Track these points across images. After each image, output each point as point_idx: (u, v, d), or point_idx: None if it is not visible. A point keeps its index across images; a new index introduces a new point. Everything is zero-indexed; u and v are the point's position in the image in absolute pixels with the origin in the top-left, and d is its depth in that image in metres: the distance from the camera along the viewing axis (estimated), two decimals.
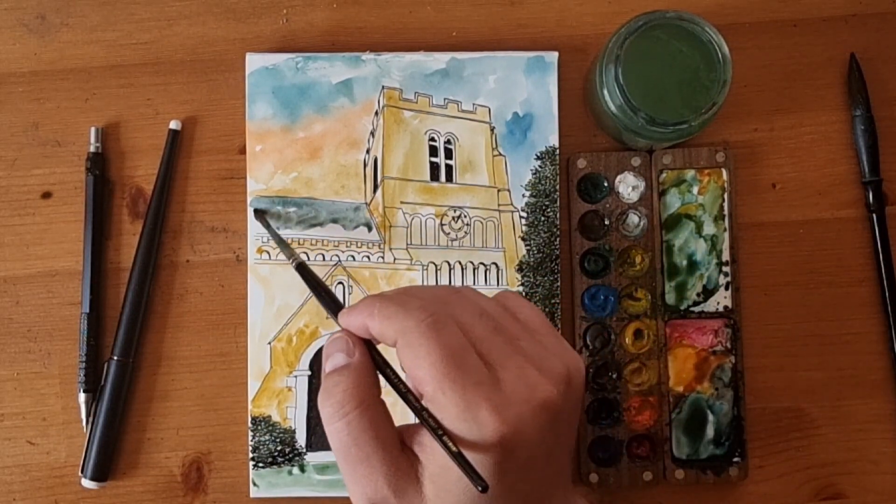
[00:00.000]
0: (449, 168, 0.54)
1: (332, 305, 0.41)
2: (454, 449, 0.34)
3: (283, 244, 0.50)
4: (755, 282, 0.55)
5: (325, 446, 0.53)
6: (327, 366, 0.38)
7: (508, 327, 0.38)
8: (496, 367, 0.36)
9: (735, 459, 0.53)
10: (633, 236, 0.54)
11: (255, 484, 0.53)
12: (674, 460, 0.53)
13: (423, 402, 0.36)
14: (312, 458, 0.53)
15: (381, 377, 0.39)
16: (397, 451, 0.37)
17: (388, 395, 0.38)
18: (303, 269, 0.45)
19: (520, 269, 0.54)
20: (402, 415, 0.37)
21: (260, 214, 0.53)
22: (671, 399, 0.53)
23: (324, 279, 0.53)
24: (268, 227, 0.52)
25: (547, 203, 0.54)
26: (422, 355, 0.35)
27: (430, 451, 0.36)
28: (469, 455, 0.34)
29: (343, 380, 0.37)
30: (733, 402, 0.53)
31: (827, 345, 0.55)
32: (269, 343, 0.53)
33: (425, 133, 0.54)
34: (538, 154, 0.54)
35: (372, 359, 0.38)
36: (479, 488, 0.33)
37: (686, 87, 0.48)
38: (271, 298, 0.53)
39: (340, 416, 0.37)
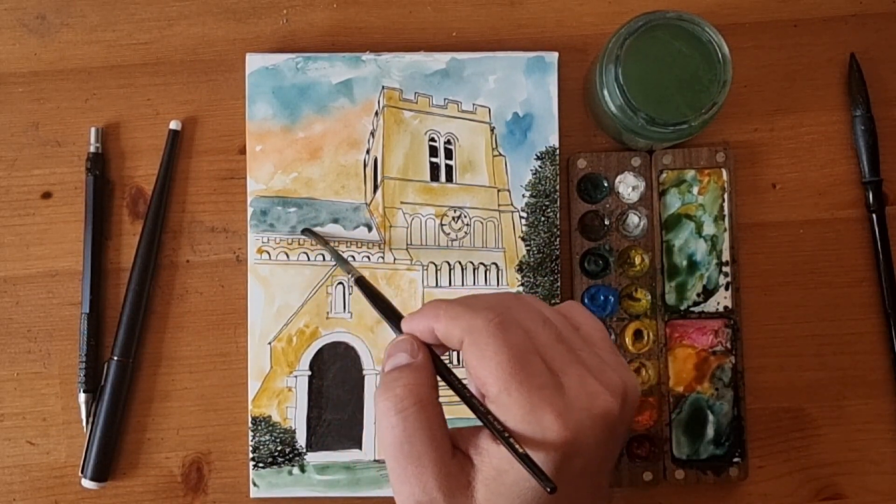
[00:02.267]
0: (449, 168, 0.54)
1: (393, 315, 0.41)
2: (521, 451, 0.34)
3: (340, 259, 0.50)
4: (755, 282, 0.55)
5: (325, 446, 0.53)
6: (388, 364, 0.38)
7: (569, 337, 0.38)
8: (559, 373, 0.36)
9: (735, 459, 0.53)
10: (633, 236, 0.54)
11: (255, 484, 0.53)
12: (674, 460, 0.53)
13: (485, 404, 0.36)
14: (312, 458, 0.53)
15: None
16: (450, 454, 0.36)
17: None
18: (362, 284, 0.45)
19: (520, 270, 0.54)
20: None
21: (309, 232, 0.52)
22: (671, 399, 0.53)
23: (323, 279, 0.53)
24: (324, 243, 0.52)
25: (547, 203, 0.54)
26: (489, 355, 0.35)
27: (485, 455, 0.36)
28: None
29: (404, 376, 0.37)
30: (733, 402, 0.53)
31: (827, 345, 0.55)
32: (270, 343, 0.53)
33: (425, 133, 0.54)
34: (538, 154, 0.54)
35: (434, 363, 0.38)
36: (549, 489, 0.33)
37: (686, 87, 0.48)
38: (271, 298, 0.53)
39: (398, 411, 0.36)
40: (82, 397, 0.53)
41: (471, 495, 0.36)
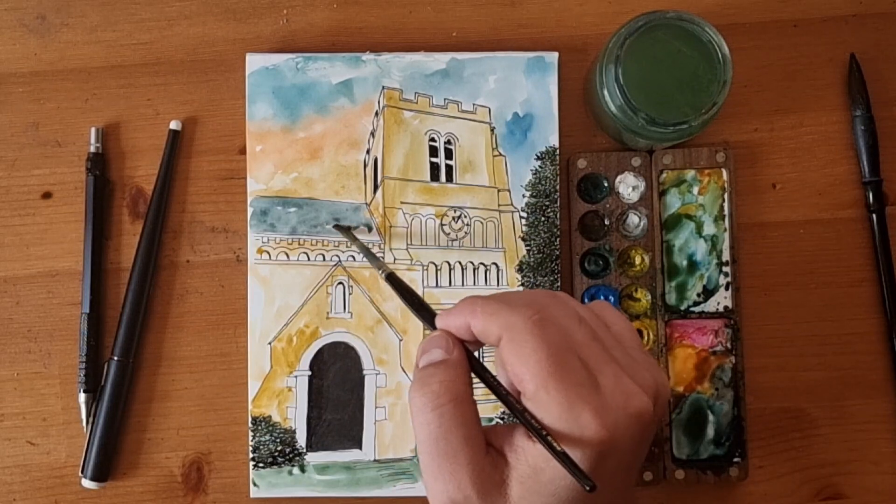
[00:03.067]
0: (449, 168, 0.54)
1: (426, 312, 0.41)
2: (560, 449, 0.34)
3: (370, 255, 0.50)
4: (755, 282, 0.55)
5: (325, 446, 0.53)
6: (422, 360, 0.38)
7: (603, 336, 0.38)
8: (595, 372, 0.36)
9: (735, 459, 0.53)
10: (633, 236, 0.54)
11: (255, 484, 0.53)
12: (674, 460, 0.53)
13: (522, 401, 0.36)
14: (312, 458, 0.53)
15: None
16: (484, 451, 0.36)
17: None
18: (393, 280, 0.44)
19: (520, 270, 0.54)
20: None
21: (343, 229, 0.52)
22: (671, 399, 0.53)
23: (323, 279, 0.53)
24: (354, 239, 0.52)
25: (547, 203, 0.54)
26: (527, 352, 0.35)
27: (520, 453, 0.36)
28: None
29: (440, 372, 0.37)
30: (733, 402, 0.53)
31: (827, 345, 0.55)
32: (270, 343, 0.53)
33: (425, 133, 0.54)
34: (538, 154, 0.54)
35: (469, 360, 0.38)
36: (587, 488, 0.33)
37: (686, 87, 0.48)
38: (271, 298, 0.53)
39: (434, 408, 0.36)
40: (82, 397, 0.53)
41: (504, 493, 0.36)
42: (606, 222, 0.54)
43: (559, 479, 0.35)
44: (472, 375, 0.38)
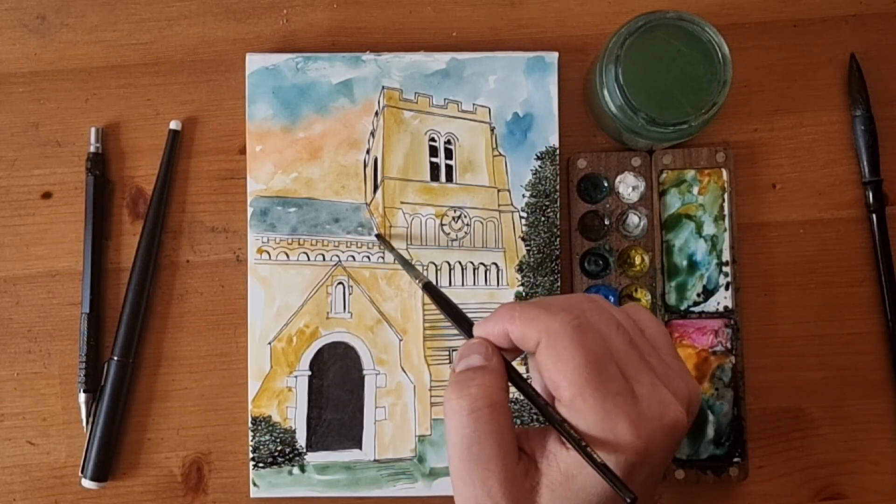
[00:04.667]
0: (449, 168, 0.54)
1: (464, 322, 0.41)
2: (599, 461, 0.34)
3: (407, 265, 0.49)
4: (755, 282, 0.55)
5: (325, 446, 0.53)
6: (460, 365, 0.38)
7: (640, 342, 0.38)
8: (631, 380, 0.36)
9: (735, 459, 0.53)
10: (633, 236, 0.54)
11: (255, 484, 0.53)
12: (674, 460, 0.53)
13: (557, 408, 0.35)
14: (312, 458, 0.53)
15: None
16: (516, 459, 0.36)
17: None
18: (430, 289, 0.44)
19: (520, 270, 0.54)
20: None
21: (382, 239, 0.52)
22: None
23: (323, 279, 0.53)
24: (391, 248, 0.52)
25: (547, 203, 0.54)
26: (565, 358, 0.35)
27: (553, 459, 0.36)
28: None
29: (478, 377, 0.37)
30: (733, 402, 0.53)
31: (827, 345, 0.55)
32: (270, 343, 0.53)
33: (425, 133, 0.54)
34: (538, 154, 0.54)
35: (506, 369, 0.38)
36: (628, 500, 0.33)
37: (686, 87, 0.48)
38: (271, 298, 0.53)
39: (471, 412, 0.36)
40: (82, 397, 0.53)
41: (535, 499, 0.35)
42: (606, 222, 0.54)
43: (591, 486, 0.35)
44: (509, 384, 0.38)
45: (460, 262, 0.54)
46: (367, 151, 0.54)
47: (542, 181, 0.54)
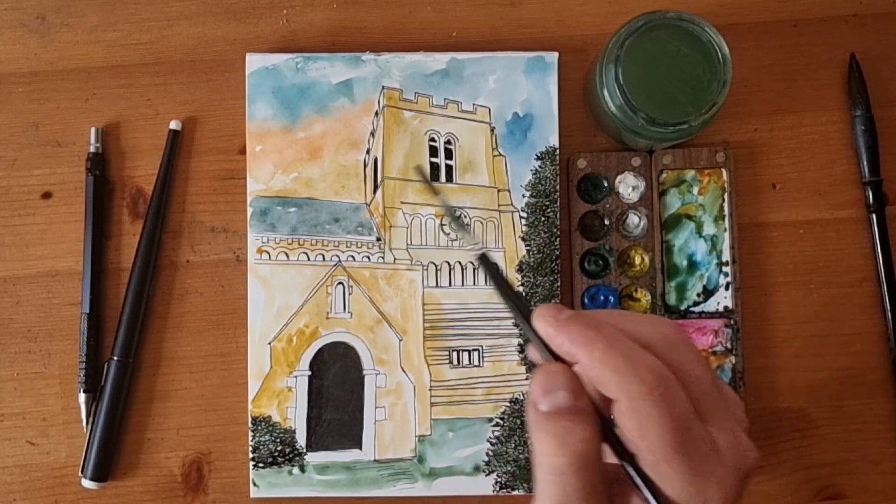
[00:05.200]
0: (449, 168, 0.54)
1: (524, 309, 0.37)
2: None
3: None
4: (755, 282, 0.55)
5: (325, 446, 0.53)
6: (545, 402, 0.34)
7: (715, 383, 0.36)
8: (713, 427, 0.34)
9: None
10: (633, 236, 0.54)
11: (255, 484, 0.53)
12: None
13: (640, 465, 0.34)
14: (312, 458, 0.53)
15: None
16: None
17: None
18: (486, 262, 0.39)
19: (520, 270, 0.54)
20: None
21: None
22: None
23: (323, 279, 0.53)
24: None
25: (547, 203, 0.54)
26: (651, 426, 0.33)
27: None
28: None
29: (578, 429, 0.33)
30: None
31: (827, 345, 0.55)
32: (270, 343, 0.53)
33: (425, 133, 0.54)
34: (538, 154, 0.54)
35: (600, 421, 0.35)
36: None
37: (686, 87, 0.48)
38: (271, 298, 0.53)
39: (575, 470, 0.33)
40: (82, 397, 0.53)
41: None
42: (606, 222, 0.54)
43: None
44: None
45: (460, 262, 0.54)
46: (367, 151, 0.54)
47: (542, 181, 0.54)
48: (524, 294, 0.53)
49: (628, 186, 0.54)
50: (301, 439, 0.53)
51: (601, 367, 0.33)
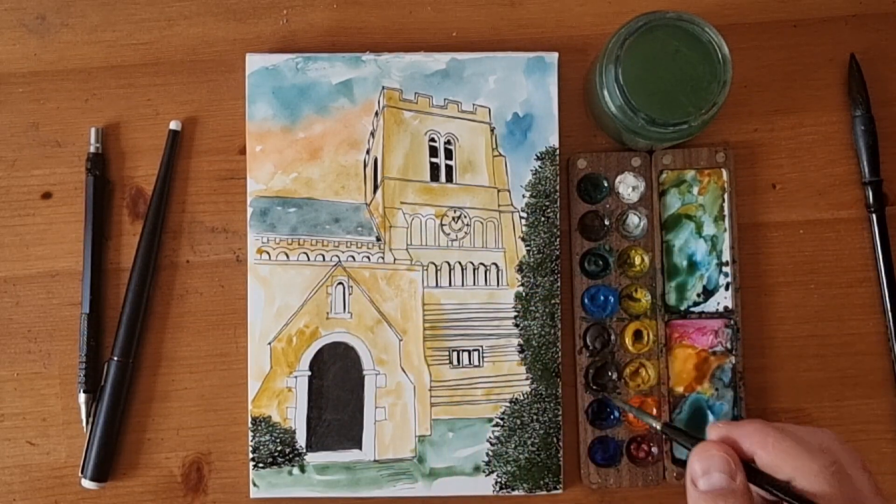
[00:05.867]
0: (449, 168, 0.54)
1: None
2: None
3: (644, 415, 0.50)
4: (755, 282, 0.55)
5: (325, 447, 0.53)
6: (704, 482, 0.39)
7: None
8: None
9: None
10: (633, 237, 0.54)
11: (255, 484, 0.53)
12: (674, 461, 0.53)
13: None
14: (312, 458, 0.53)
15: None
16: None
17: None
18: (668, 429, 0.46)
19: (520, 270, 0.54)
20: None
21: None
22: (671, 399, 0.53)
23: (324, 279, 0.53)
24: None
25: (547, 203, 0.54)
26: (825, 501, 0.36)
27: None
28: None
29: None
30: (733, 402, 0.53)
31: (827, 345, 0.55)
32: (270, 343, 0.53)
33: (425, 133, 0.54)
34: (538, 154, 0.54)
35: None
36: None
37: (686, 87, 0.48)
38: (271, 298, 0.53)
39: None
40: (82, 397, 0.53)
41: None
42: (606, 222, 0.54)
43: None
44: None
45: (460, 263, 0.54)
46: (367, 151, 0.54)
47: (542, 181, 0.54)
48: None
49: (628, 186, 0.54)
50: (301, 439, 0.53)
51: (776, 454, 0.37)
